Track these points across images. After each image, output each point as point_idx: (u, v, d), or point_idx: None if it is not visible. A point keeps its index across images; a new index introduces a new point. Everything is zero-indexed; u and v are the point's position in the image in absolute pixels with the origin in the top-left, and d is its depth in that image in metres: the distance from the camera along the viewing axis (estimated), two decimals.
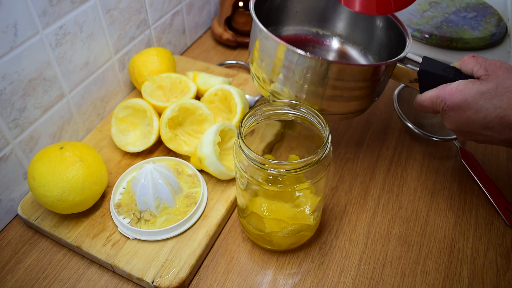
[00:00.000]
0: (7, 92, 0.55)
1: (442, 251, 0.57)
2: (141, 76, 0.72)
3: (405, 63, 0.56)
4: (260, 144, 0.66)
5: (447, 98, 0.50)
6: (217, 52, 0.92)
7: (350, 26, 0.71)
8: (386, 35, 0.65)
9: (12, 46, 0.53)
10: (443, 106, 0.51)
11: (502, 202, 0.61)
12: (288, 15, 0.71)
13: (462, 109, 0.49)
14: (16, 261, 0.56)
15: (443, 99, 0.51)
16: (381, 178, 0.66)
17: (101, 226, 0.57)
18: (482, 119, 0.48)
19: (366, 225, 0.59)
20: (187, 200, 0.59)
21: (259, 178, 0.49)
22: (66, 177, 0.53)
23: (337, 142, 0.71)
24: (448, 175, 0.66)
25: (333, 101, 0.57)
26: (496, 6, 0.90)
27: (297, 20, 0.72)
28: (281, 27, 0.72)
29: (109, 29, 0.68)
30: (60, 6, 0.58)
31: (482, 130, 0.50)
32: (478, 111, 0.48)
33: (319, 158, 0.46)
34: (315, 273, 0.54)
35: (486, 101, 0.48)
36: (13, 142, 0.58)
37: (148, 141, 0.65)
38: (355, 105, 0.59)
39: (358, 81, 0.55)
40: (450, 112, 0.51)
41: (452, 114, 0.51)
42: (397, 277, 0.54)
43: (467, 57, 0.52)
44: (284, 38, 0.71)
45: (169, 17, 0.83)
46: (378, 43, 0.68)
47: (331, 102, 0.57)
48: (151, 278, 0.51)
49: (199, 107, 0.64)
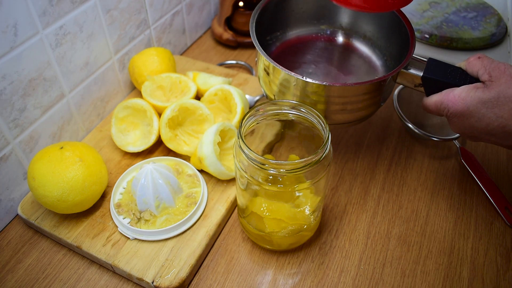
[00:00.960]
0: (7, 92, 0.55)
1: (442, 251, 0.57)
2: (141, 76, 0.72)
3: (408, 68, 0.55)
4: (260, 144, 0.66)
5: (450, 106, 0.50)
6: (217, 52, 0.92)
7: (357, 20, 0.70)
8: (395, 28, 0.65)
9: (12, 46, 0.53)
10: (447, 112, 0.51)
11: (502, 202, 0.61)
12: (294, 17, 0.71)
13: (464, 117, 0.50)
14: (16, 261, 0.56)
15: (446, 106, 0.51)
16: (381, 178, 0.66)
17: (101, 226, 0.57)
18: (485, 127, 0.49)
19: (366, 225, 0.59)
20: (187, 200, 0.59)
21: (259, 178, 0.49)
22: (66, 177, 0.53)
23: (337, 142, 0.71)
24: (448, 175, 0.66)
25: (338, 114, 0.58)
26: (496, 6, 0.90)
27: (304, 20, 0.72)
28: (289, 30, 0.72)
29: (109, 29, 0.68)
30: (60, 6, 0.58)
31: (486, 136, 0.50)
32: (480, 119, 0.48)
33: (319, 158, 0.46)
34: (315, 273, 0.54)
35: (487, 110, 0.48)
36: (13, 142, 0.58)
37: (148, 141, 0.65)
38: (361, 114, 0.59)
39: (360, 95, 0.55)
40: (453, 118, 0.51)
41: (455, 120, 0.51)
42: (397, 277, 0.54)
43: (473, 58, 0.51)
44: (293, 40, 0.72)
45: (169, 17, 0.83)
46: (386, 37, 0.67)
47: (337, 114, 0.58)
48: (151, 278, 0.51)
49: (199, 107, 0.64)
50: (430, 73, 0.53)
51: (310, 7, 0.71)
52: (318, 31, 0.73)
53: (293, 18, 0.71)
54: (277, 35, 0.71)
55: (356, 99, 0.56)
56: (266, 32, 0.68)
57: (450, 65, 0.53)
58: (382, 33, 0.68)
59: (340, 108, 0.57)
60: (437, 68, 0.54)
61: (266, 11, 0.64)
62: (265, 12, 0.64)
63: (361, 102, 0.56)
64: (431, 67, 0.54)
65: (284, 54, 0.70)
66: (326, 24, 0.73)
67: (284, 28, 0.72)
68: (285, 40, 0.72)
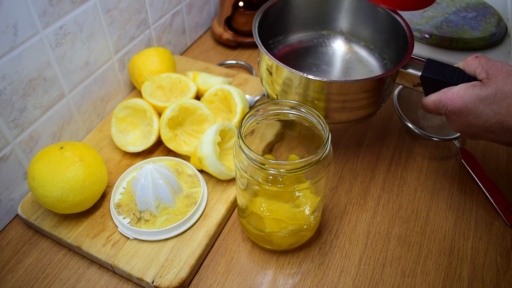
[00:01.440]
0: (7, 92, 0.55)
1: (442, 251, 0.57)
2: (141, 76, 0.72)
3: (407, 68, 0.56)
4: (260, 144, 0.66)
5: (448, 104, 0.51)
6: (217, 52, 0.92)
7: (357, 26, 0.72)
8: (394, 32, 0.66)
9: (12, 46, 0.53)
10: (445, 110, 0.52)
11: (502, 202, 0.61)
12: (296, 22, 0.73)
13: (463, 114, 0.50)
14: (16, 261, 0.56)
15: (444, 104, 0.51)
16: (381, 178, 0.66)
17: (101, 226, 0.57)
18: (483, 124, 0.49)
19: (366, 225, 0.59)
20: (187, 200, 0.59)
21: (259, 178, 0.49)
22: (66, 177, 0.53)
23: (337, 142, 0.71)
24: (448, 175, 0.66)
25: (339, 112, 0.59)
26: (496, 6, 0.90)
27: (306, 25, 0.74)
28: (291, 35, 0.73)
29: (109, 29, 0.68)
30: (60, 6, 0.58)
31: (485, 133, 0.50)
32: (478, 116, 0.49)
33: (319, 158, 0.46)
34: (315, 273, 0.54)
35: (485, 107, 0.48)
36: (13, 142, 0.58)
37: (148, 141, 0.65)
38: (361, 113, 0.59)
39: (360, 93, 0.56)
40: (452, 116, 0.52)
41: (454, 118, 0.52)
42: (397, 277, 0.54)
43: (470, 58, 0.52)
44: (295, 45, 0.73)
45: (169, 17, 0.83)
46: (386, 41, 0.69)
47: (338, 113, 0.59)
48: (151, 278, 0.51)
49: (199, 107, 0.64)
50: (428, 72, 0.54)
51: (311, 13, 0.72)
52: (319, 36, 0.74)
53: (295, 23, 0.72)
54: (279, 39, 0.72)
55: (356, 97, 0.56)
56: (268, 36, 0.69)
57: (448, 65, 0.54)
58: (381, 38, 0.69)
59: (340, 106, 0.57)
60: (436, 67, 0.54)
61: (268, 16, 0.65)
62: (267, 16, 0.65)
63: (361, 101, 0.57)
64: (430, 67, 0.55)
65: (285, 58, 0.72)
66: (327, 29, 0.74)
67: (286, 32, 0.73)
68: (287, 44, 0.73)
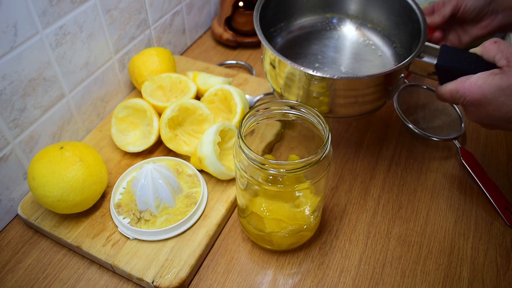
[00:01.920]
0: (7, 92, 0.55)
1: (442, 251, 0.57)
2: (141, 76, 0.72)
3: (421, 57, 0.53)
4: (260, 144, 0.66)
5: (467, 94, 0.48)
6: (217, 52, 0.92)
7: (365, 7, 0.68)
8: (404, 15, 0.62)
9: (12, 46, 0.53)
10: (463, 101, 0.49)
11: (502, 202, 0.61)
12: (298, 6, 0.69)
13: (482, 105, 0.48)
14: (16, 261, 0.56)
15: (462, 94, 0.49)
16: (381, 178, 0.66)
17: (101, 226, 0.57)
18: (504, 115, 0.47)
19: (366, 225, 0.59)
20: (187, 200, 0.59)
21: (259, 178, 0.49)
22: (66, 177, 0.53)
23: (337, 142, 0.71)
24: (448, 175, 0.66)
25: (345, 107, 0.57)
26: None
27: (309, 9, 0.70)
28: (293, 20, 0.70)
29: (109, 29, 0.68)
30: (60, 6, 0.58)
31: (505, 124, 0.48)
32: (499, 108, 0.47)
33: (319, 158, 0.46)
34: (315, 273, 0.54)
35: (506, 98, 0.46)
36: (13, 142, 0.58)
37: (148, 141, 0.65)
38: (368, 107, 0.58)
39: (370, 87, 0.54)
40: (470, 107, 0.49)
41: (472, 109, 0.49)
42: (397, 277, 0.54)
43: (489, 42, 0.49)
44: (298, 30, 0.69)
45: (169, 17, 0.83)
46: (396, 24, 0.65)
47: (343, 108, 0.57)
48: (151, 278, 0.51)
49: (199, 107, 0.64)
50: (444, 60, 0.51)
51: None
52: (324, 19, 0.70)
53: (297, 8, 0.69)
54: (281, 26, 0.69)
55: (365, 92, 0.54)
56: (270, 24, 0.66)
57: (464, 51, 0.51)
58: (391, 20, 0.65)
59: (347, 101, 0.55)
60: (451, 55, 0.51)
61: (269, 3, 0.62)
62: (268, 3, 0.62)
63: (371, 95, 0.55)
64: (445, 54, 0.52)
65: (289, 46, 0.68)
66: (332, 12, 0.70)
67: (288, 18, 0.69)
68: (290, 30, 0.69)
